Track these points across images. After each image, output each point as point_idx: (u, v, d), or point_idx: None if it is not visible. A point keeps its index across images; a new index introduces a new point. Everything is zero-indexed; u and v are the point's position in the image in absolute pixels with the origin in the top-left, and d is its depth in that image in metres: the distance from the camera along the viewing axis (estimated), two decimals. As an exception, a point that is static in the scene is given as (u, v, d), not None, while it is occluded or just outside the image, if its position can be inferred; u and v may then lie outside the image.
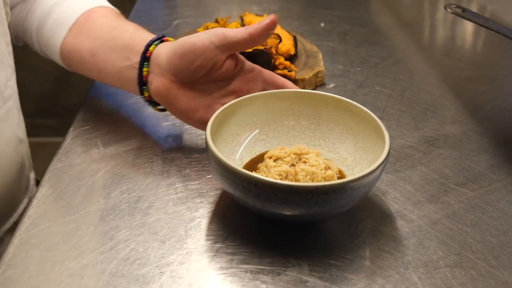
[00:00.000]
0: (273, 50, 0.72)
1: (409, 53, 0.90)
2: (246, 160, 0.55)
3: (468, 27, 1.02)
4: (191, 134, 0.63)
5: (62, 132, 0.65)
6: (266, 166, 0.52)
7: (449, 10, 0.71)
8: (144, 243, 0.47)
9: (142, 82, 0.57)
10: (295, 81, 0.72)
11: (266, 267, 0.45)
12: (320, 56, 0.79)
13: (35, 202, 0.51)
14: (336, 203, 0.44)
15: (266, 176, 0.48)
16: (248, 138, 0.56)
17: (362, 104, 0.54)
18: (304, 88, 0.73)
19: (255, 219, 0.50)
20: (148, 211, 0.50)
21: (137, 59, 0.57)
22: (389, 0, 1.20)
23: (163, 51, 0.55)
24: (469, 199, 0.53)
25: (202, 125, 0.55)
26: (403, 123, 0.66)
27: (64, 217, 0.50)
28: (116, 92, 0.70)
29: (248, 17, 0.86)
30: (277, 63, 0.72)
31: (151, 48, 0.56)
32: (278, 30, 0.82)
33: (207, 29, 0.81)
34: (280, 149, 0.53)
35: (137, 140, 0.61)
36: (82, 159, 0.58)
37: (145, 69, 0.56)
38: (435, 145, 0.62)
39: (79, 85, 1.32)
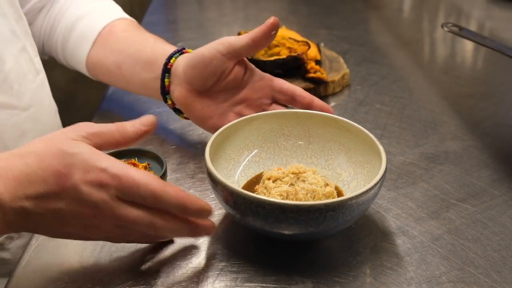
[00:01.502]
0: (305, 56, 0.77)
1: (409, 71, 0.91)
2: (243, 183, 0.55)
3: (467, 45, 1.03)
4: (195, 155, 0.64)
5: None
6: (265, 188, 0.52)
7: (446, 28, 0.73)
8: (150, 262, 0.47)
9: (165, 92, 0.62)
10: (326, 82, 0.77)
11: (271, 285, 0.45)
12: (341, 60, 0.85)
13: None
14: (343, 219, 0.45)
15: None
16: (244, 162, 0.57)
17: (362, 122, 0.55)
18: (334, 90, 0.79)
19: (258, 238, 0.51)
20: (153, 231, 0.51)
21: (159, 71, 0.62)
22: (388, 19, 1.21)
23: (181, 63, 0.60)
24: (470, 214, 0.54)
25: (215, 131, 0.57)
26: (403, 140, 0.67)
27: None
28: (121, 115, 0.72)
29: None
30: (309, 67, 0.77)
31: (172, 61, 0.61)
32: (301, 38, 0.86)
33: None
34: (278, 170, 0.54)
35: (142, 161, 0.62)
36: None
37: (166, 80, 0.61)
38: (436, 162, 0.63)
39: (84, 108, 1.34)
